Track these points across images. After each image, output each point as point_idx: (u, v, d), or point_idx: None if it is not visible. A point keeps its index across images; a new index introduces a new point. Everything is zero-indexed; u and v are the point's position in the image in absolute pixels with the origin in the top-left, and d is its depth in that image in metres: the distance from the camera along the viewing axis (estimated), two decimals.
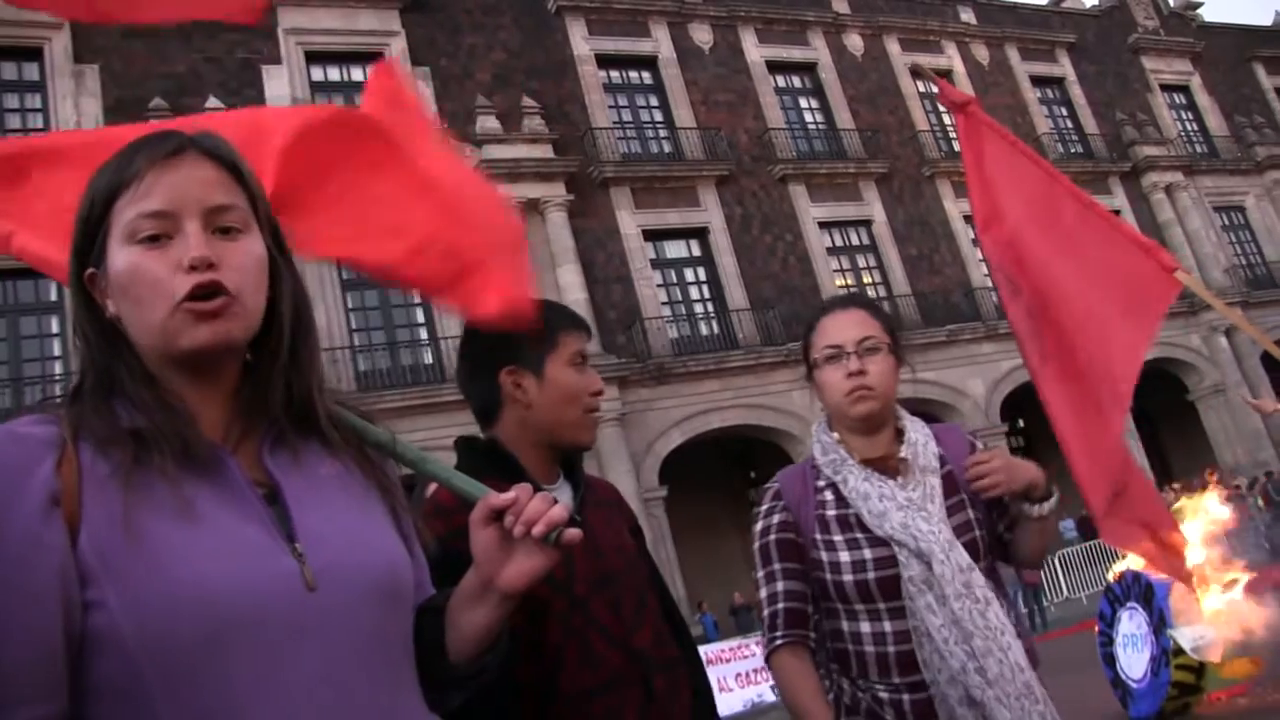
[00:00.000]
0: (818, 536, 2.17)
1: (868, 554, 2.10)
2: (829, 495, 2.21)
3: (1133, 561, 8.23)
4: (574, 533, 1.22)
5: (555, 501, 1.23)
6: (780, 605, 2.16)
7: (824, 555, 2.14)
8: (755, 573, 2.25)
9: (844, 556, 2.11)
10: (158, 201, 1.18)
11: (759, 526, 2.27)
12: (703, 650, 2.21)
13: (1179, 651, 7.18)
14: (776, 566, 2.19)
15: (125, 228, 1.18)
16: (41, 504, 1.06)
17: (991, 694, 1.95)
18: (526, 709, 1.75)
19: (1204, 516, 8.22)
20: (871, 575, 2.08)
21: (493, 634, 1.28)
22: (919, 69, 22.67)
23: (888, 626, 2.08)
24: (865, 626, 2.11)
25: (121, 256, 1.18)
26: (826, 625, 2.18)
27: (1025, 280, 2.94)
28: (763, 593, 2.21)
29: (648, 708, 1.85)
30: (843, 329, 2.25)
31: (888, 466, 2.19)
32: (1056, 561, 21.49)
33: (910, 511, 2.09)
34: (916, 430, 2.25)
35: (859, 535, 2.12)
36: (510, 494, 1.23)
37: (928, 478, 2.16)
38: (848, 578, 2.10)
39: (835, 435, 2.27)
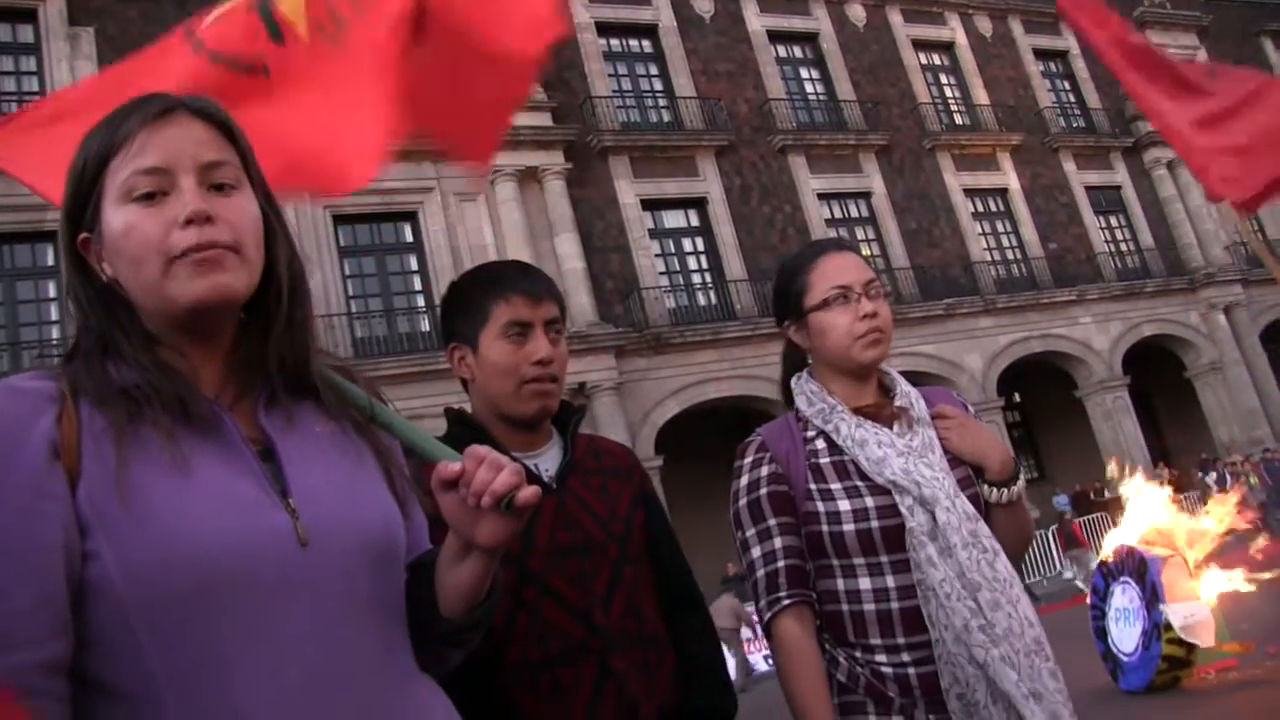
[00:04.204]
0: (812, 486, 2.00)
1: (870, 502, 1.94)
2: (820, 444, 2.05)
3: (1125, 538, 8.28)
4: (527, 494, 1.17)
5: (503, 468, 1.18)
6: (781, 563, 1.96)
7: (820, 505, 1.97)
8: (742, 532, 2.05)
9: (844, 505, 1.95)
10: (152, 158, 1.19)
11: (745, 481, 2.08)
12: None
13: (1170, 626, 7.22)
14: (772, 522, 2.00)
15: (120, 187, 1.19)
16: (44, 455, 1.08)
17: (996, 653, 1.82)
18: (475, 679, 1.72)
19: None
20: (875, 524, 1.93)
21: (481, 588, 1.27)
22: None
23: (890, 581, 1.92)
24: (865, 583, 1.94)
25: (118, 216, 1.19)
26: (818, 586, 2.00)
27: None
28: (756, 551, 2.01)
29: (603, 684, 1.81)
30: (848, 270, 2.10)
31: (880, 416, 2.06)
32: (1050, 535, 21.59)
33: (911, 458, 1.96)
34: (905, 384, 2.15)
35: (858, 483, 1.97)
36: (456, 465, 1.19)
37: (924, 429, 2.04)
38: (849, 527, 1.93)
39: (818, 384, 2.13)
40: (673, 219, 22.91)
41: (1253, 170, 3.86)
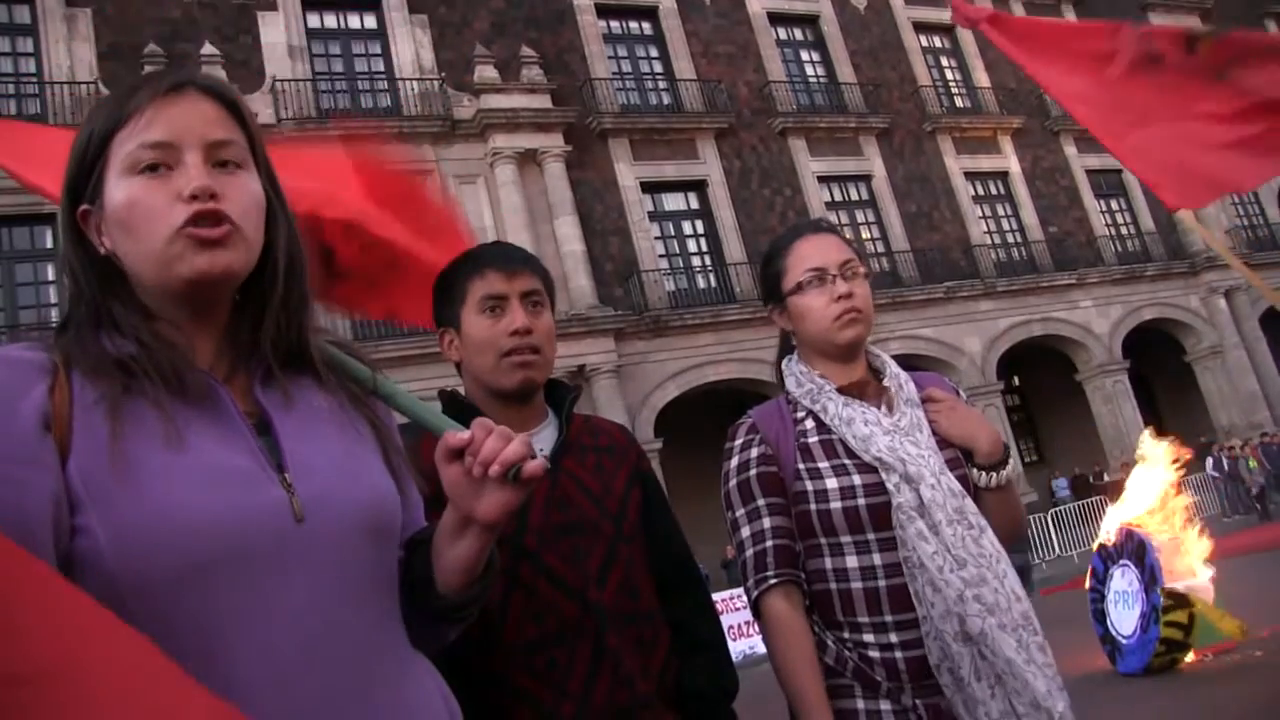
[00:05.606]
0: (801, 466, 2.02)
1: (857, 480, 1.96)
2: (809, 424, 2.07)
3: (1124, 517, 8.29)
4: (534, 466, 1.18)
5: (512, 439, 1.19)
6: (769, 543, 1.98)
7: (809, 485, 1.99)
8: (732, 512, 2.07)
9: (831, 483, 1.97)
10: (159, 132, 1.18)
11: (735, 462, 2.09)
12: None
13: (1169, 608, 7.27)
14: (761, 502, 2.02)
15: (125, 159, 1.18)
16: (36, 427, 1.06)
17: (993, 621, 1.84)
18: (470, 660, 1.72)
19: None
20: (862, 502, 1.95)
21: (478, 565, 1.28)
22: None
23: (877, 559, 1.94)
24: (852, 561, 1.95)
25: (121, 188, 1.18)
26: (806, 566, 2.01)
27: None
28: (745, 531, 2.02)
29: (599, 661, 1.81)
30: (823, 252, 2.12)
31: (867, 395, 2.08)
32: (1049, 520, 21.64)
33: (897, 436, 1.98)
34: (895, 366, 2.17)
35: (846, 461, 1.99)
36: (466, 433, 1.20)
37: (912, 409, 2.06)
38: (835, 505, 1.96)
39: (807, 366, 2.15)
40: (672, 201, 22.86)
41: (1203, 174, 3.70)
